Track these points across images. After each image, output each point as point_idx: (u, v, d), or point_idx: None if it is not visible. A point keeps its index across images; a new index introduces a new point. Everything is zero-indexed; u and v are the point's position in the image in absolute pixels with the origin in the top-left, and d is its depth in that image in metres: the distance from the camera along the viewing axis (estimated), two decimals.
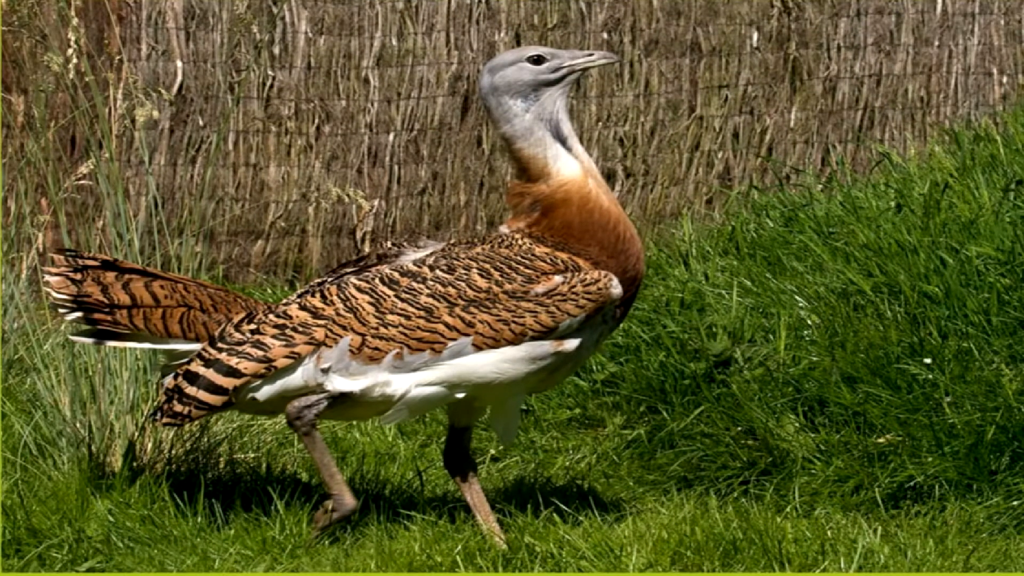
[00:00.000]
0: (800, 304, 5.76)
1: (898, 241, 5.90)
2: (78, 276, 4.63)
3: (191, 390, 4.52)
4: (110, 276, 4.64)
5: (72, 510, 4.80)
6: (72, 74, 5.22)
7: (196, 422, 4.91)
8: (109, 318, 4.61)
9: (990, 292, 5.40)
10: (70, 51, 5.22)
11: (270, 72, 8.06)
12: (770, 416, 5.29)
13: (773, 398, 5.36)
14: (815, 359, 5.45)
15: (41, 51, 6.89)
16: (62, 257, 4.68)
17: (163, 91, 7.34)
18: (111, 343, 4.66)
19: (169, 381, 4.57)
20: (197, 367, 4.52)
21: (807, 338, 5.59)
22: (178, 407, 4.52)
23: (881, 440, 5.13)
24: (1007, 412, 5.01)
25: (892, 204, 6.42)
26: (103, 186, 5.23)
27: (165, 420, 4.54)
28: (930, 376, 5.22)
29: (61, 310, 4.65)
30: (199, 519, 4.73)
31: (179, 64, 7.92)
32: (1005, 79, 9.09)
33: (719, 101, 8.79)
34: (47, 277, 4.64)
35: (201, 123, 7.96)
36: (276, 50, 8.07)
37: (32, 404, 5.35)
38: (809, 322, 5.65)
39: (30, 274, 6.54)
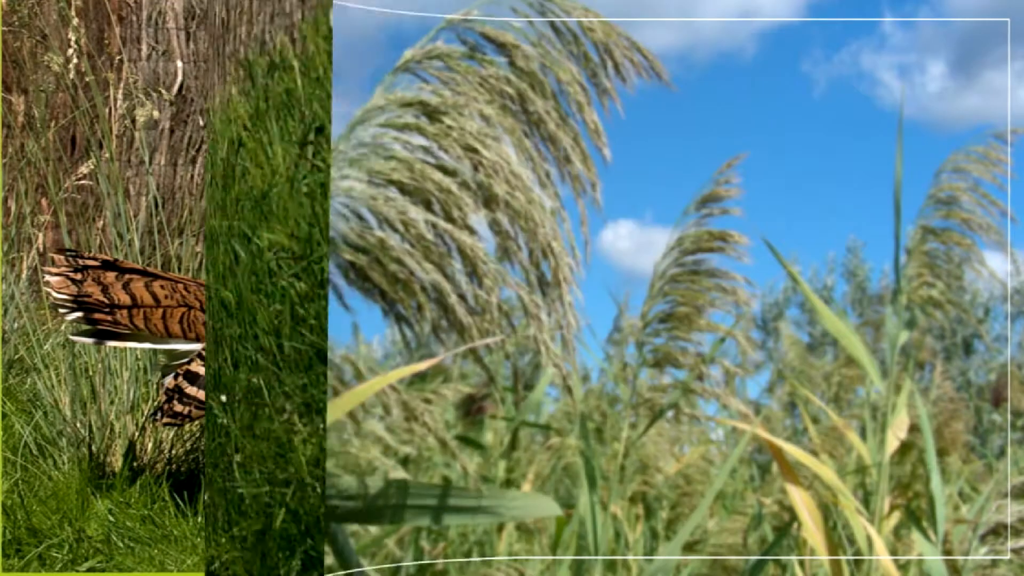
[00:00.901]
0: None
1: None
2: (78, 276, 4.63)
3: (191, 390, 4.52)
4: (110, 276, 4.64)
5: (72, 510, 4.79)
6: (72, 74, 5.22)
7: (196, 422, 4.91)
8: (109, 318, 4.61)
9: (283, 303, 3.88)
10: (70, 51, 5.22)
11: None
12: None
13: None
14: None
15: (41, 51, 6.89)
16: (62, 257, 4.68)
17: (163, 91, 7.34)
18: (111, 343, 4.65)
19: (169, 381, 4.57)
20: (197, 367, 4.52)
21: None
22: (178, 407, 4.52)
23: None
24: (300, 490, 3.60)
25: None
26: (103, 186, 5.23)
27: (165, 420, 4.54)
28: (225, 421, 3.76)
29: (61, 310, 4.65)
30: (199, 519, 4.73)
31: (179, 64, 7.93)
32: None
33: None
34: (47, 277, 4.64)
35: (201, 123, 7.96)
36: None
37: (32, 404, 5.35)
38: None
39: (30, 274, 6.54)
